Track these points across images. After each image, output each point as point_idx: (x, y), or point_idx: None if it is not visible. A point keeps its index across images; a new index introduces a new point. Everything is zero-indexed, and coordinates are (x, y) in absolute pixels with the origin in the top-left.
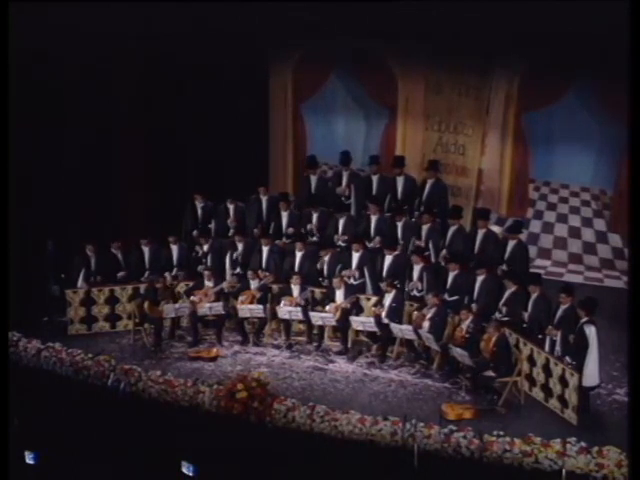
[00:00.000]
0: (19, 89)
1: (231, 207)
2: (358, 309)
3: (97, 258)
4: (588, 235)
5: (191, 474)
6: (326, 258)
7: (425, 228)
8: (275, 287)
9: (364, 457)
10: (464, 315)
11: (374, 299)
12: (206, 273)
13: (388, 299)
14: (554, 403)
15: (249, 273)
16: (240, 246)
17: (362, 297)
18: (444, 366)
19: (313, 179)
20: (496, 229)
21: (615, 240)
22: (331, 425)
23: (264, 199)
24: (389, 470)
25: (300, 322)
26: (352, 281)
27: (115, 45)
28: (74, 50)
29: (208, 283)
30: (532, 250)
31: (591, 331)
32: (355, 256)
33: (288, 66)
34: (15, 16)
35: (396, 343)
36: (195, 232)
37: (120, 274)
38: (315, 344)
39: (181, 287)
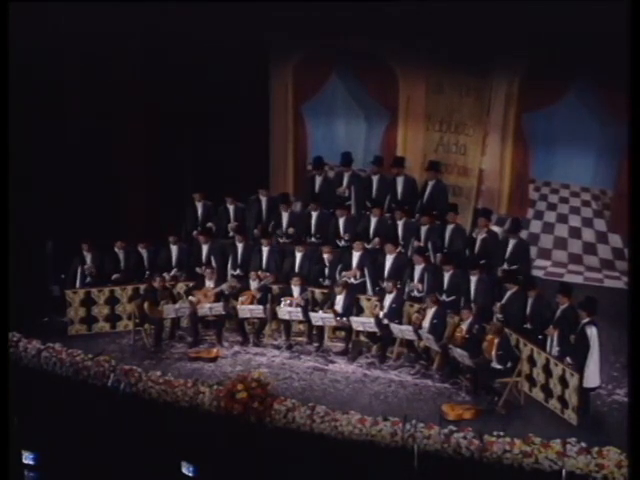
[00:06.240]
0: (19, 89)
1: (231, 207)
2: (358, 309)
3: (93, 256)
4: (588, 235)
5: (191, 474)
6: (326, 256)
7: (424, 229)
8: (275, 287)
9: (364, 457)
10: (465, 315)
11: (374, 299)
12: (207, 272)
13: (388, 299)
14: (554, 403)
15: (250, 274)
16: (240, 247)
17: (362, 297)
18: (444, 366)
19: (318, 180)
20: (496, 229)
21: (615, 240)
22: (331, 425)
23: (264, 199)
24: (389, 470)
25: (300, 322)
26: (353, 280)
27: (115, 45)
28: (74, 50)
29: (208, 283)
30: (532, 250)
31: (592, 332)
32: (355, 256)
33: (289, 67)
34: (15, 16)
35: (396, 343)
36: (195, 232)
37: (115, 276)
38: (315, 344)
39: (181, 287)
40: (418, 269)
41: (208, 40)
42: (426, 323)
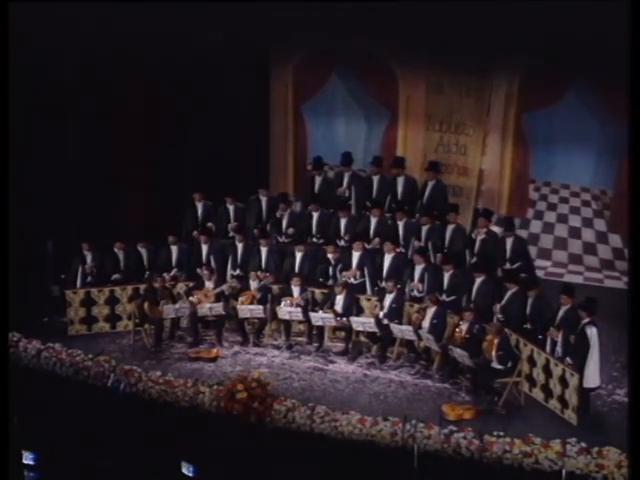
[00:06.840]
0: (19, 89)
1: (231, 208)
2: (358, 309)
3: (93, 256)
4: (588, 235)
5: (191, 474)
6: (330, 256)
7: (425, 229)
8: (275, 287)
9: (364, 457)
10: (467, 317)
11: (374, 299)
12: (205, 273)
13: (388, 299)
14: (554, 403)
15: (250, 274)
16: (240, 247)
17: (362, 297)
18: (444, 367)
19: (318, 180)
20: (496, 229)
21: (615, 240)
22: (331, 426)
23: (264, 199)
24: (389, 470)
25: (300, 322)
26: (353, 280)
27: (115, 45)
28: (74, 50)
29: (208, 283)
30: (532, 250)
31: (592, 332)
32: (355, 256)
33: (289, 66)
34: (15, 16)
35: (396, 343)
36: (195, 232)
37: (115, 276)
38: (315, 344)
39: (181, 287)
40: (418, 269)
41: (208, 40)
42: (426, 323)
